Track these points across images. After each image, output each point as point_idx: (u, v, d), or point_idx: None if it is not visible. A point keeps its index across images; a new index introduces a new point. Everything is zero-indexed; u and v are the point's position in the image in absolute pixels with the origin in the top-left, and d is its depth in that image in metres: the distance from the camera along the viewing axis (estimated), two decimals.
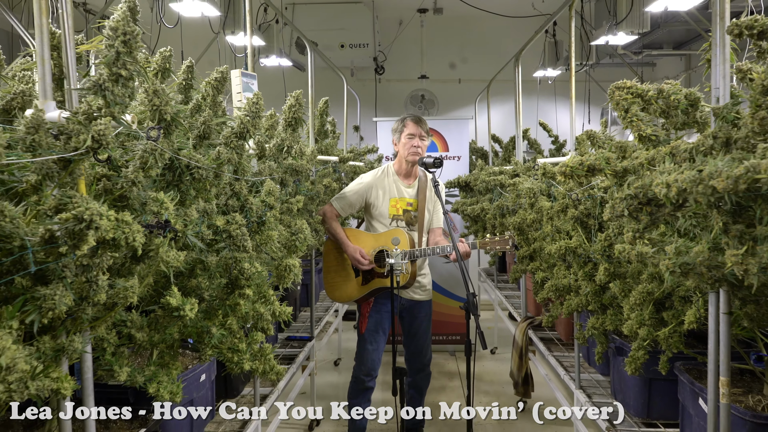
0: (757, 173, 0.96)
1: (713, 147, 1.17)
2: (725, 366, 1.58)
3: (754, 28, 1.08)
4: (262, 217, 1.72)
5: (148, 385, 1.44)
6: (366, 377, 3.44)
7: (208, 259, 1.46)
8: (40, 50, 1.15)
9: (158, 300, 1.38)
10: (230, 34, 4.61)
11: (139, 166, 1.23)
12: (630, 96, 1.38)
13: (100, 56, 1.88)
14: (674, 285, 1.81)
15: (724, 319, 1.56)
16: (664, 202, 1.10)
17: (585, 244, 2.10)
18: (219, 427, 2.56)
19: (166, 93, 1.30)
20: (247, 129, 1.43)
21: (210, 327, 1.46)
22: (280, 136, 1.98)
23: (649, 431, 2.47)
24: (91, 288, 1.13)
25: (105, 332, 1.35)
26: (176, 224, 1.30)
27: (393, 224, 3.38)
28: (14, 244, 1.02)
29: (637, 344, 1.91)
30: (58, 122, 1.09)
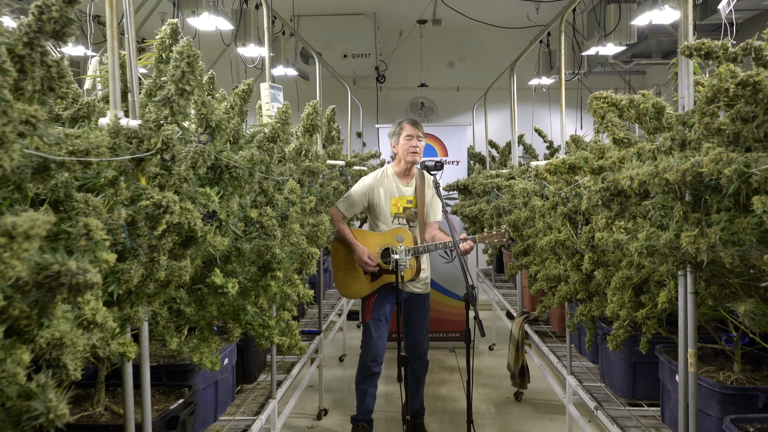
0: (700, 167, 1.19)
1: (671, 147, 1.41)
2: (692, 339, 1.81)
3: (701, 49, 1.32)
4: (286, 212, 1.96)
5: (192, 355, 1.67)
6: (372, 363, 3.68)
7: (243, 246, 1.69)
8: (112, 69, 1.39)
9: (203, 281, 1.61)
10: (241, 46, 4.86)
11: (190, 165, 1.47)
12: (606, 105, 1.62)
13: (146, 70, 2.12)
14: (650, 271, 2.05)
15: (691, 298, 1.79)
16: (630, 193, 1.33)
17: (572, 237, 2.34)
18: (239, 408, 2.79)
19: (212, 104, 1.54)
20: (277, 134, 1.67)
21: (245, 305, 1.69)
22: (299, 141, 2.22)
23: (634, 410, 2.70)
24: (153, 266, 1.36)
25: (158, 308, 1.58)
26: (221, 215, 1.54)
27: (395, 222, 3.63)
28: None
29: (617, 324, 2.14)
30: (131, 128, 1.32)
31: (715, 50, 1.31)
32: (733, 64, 1.28)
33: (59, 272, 0.75)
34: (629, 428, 2.52)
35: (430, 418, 4.19)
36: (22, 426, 0.76)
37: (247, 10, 4.72)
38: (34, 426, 0.77)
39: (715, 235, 1.29)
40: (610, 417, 2.62)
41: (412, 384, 3.85)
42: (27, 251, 0.63)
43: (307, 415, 4.38)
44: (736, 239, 1.28)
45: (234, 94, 2.09)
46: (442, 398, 4.68)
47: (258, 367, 3.20)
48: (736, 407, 2.01)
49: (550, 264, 2.65)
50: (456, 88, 8.09)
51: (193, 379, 2.30)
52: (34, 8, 0.88)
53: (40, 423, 0.77)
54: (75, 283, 0.76)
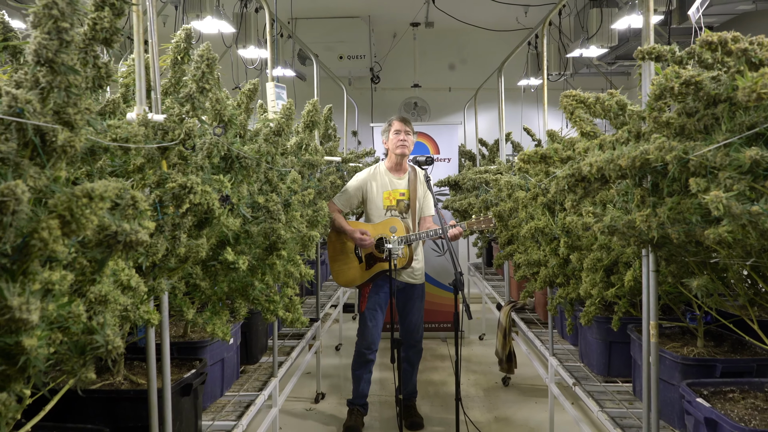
0: (647, 155, 1.40)
1: (628, 139, 1.61)
2: (654, 312, 2.01)
3: (652, 53, 1.52)
4: (288, 199, 2.15)
5: (206, 326, 1.86)
6: (367, 350, 3.88)
7: (251, 229, 1.88)
8: (138, 71, 1.59)
9: (216, 258, 1.81)
10: (241, 48, 5.05)
11: (206, 155, 1.66)
12: (574, 102, 1.82)
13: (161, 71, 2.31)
14: (619, 253, 2.26)
15: (652, 276, 1.99)
16: (590, 178, 1.54)
17: (551, 224, 2.54)
18: (243, 385, 2.98)
19: (225, 101, 1.73)
20: (282, 128, 1.86)
21: (253, 281, 1.88)
22: (300, 136, 2.42)
23: (609, 386, 2.90)
24: (175, 242, 1.56)
25: (177, 282, 1.77)
26: (233, 199, 1.73)
27: (388, 214, 3.83)
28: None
29: (589, 302, 2.35)
30: (157, 121, 1.52)
31: (664, 54, 1.52)
32: (678, 66, 1.49)
33: (116, 232, 0.94)
34: (604, 402, 2.72)
35: (422, 401, 4.39)
36: (86, 354, 0.95)
37: (247, 14, 4.91)
38: (95, 354, 0.96)
39: (664, 215, 1.50)
40: (587, 392, 2.82)
41: (406, 369, 4.05)
42: (101, 209, 0.82)
43: (305, 398, 4.58)
44: (681, 218, 1.49)
45: (241, 92, 2.29)
46: (433, 383, 4.89)
47: (260, 349, 3.40)
48: (696, 377, 2.21)
49: (531, 251, 2.86)
50: (448, 88, 8.30)
51: (203, 355, 2.50)
52: (89, 20, 1.08)
53: (100, 353, 0.96)
54: (129, 240, 0.95)
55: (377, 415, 4.28)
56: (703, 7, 2.57)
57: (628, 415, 2.58)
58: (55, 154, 0.85)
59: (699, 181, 1.29)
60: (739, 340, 2.50)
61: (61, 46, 0.83)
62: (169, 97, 1.82)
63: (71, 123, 0.87)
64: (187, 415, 2.17)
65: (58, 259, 0.84)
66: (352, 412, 4.04)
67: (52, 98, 0.86)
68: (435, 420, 4.17)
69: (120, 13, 1.05)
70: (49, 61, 0.83)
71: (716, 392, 1.98)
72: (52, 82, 0.85)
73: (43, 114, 0.84)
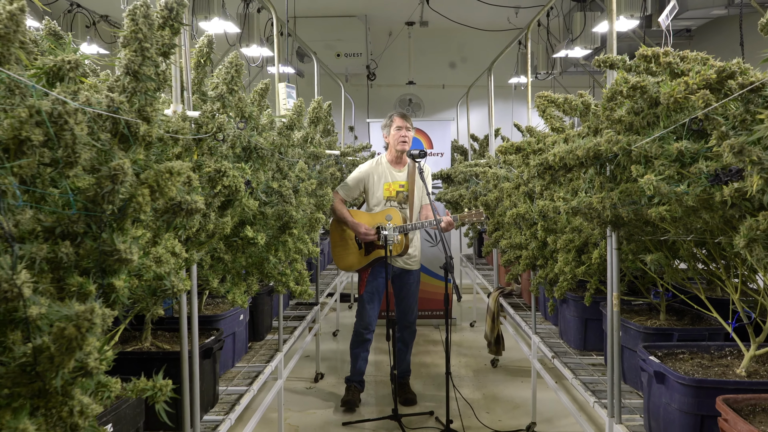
0: (599, 146, 1.69)
1: (588, 133, 1.91)
2: (616, 285, 2.31)
3: (607, 62, 1.82)
4: (297, 186, 2.45)
5: (227, 295, 2.15)
6: (365, 330, 4.18)
7: (266, 211, 2.17)
8: (175, 74, 1.87)
9: (237, 235, 2.10)
10: (244, 47, 5.32)
11: (230, 145, 1.95)
12: (546, 102, 2.12)
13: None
14: (588, 235, 2.56)
15: (615, 253, 2.29)
16: (555, 166, 1.83)
17: (530, 210, 2.84)
18: (251, 359, 3.28)
19: (245, 99, 2.02)
20: (294, 124, 2.15)
21: (269, 256, 2.17)
22: (306, 130, 2.71)
23: (585, 358, 3.21)
24: (206, 220, 1.85)
25: (204, 255, 2.06)
26: (253, 184, 2.02)
27: (387, 204, 4.13)
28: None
29: (563, 278, 2.65)
30: (193, 117, 1.80)
31: (617, 62, 1.81)
32: (627, 73, 1.78)
33: (181, 201, 1.23)
34: (579, 371, 3.02)
35: (415, 380, 4.70)
36: (157, 295, 1.24)
37: (250, 15, 5.18)
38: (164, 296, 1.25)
39: (616, 197, 1.80)
40: (564, 363, 3.13)
41: (401, 349, 4.35)
42: (178, 182, 1.11)
43: (306, 378, 4.88)
44: (630, 200, 1.78)
45: (254, 91, 2.57)
46: (426, 365, 5.20)
47: (265, 328, 3.69)
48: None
49: (514, 235, 3.16)
50: (442, 85, 8.59)
51: (218, 327, 2.79)
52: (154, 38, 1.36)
53: (168, 294, 1.25)
54: (189, 208, 1.24)
55: (373, 393, 4.58)
56: (672, 15, 2.86)
57: (599, 381, 2.88)
58: (137, 142, 1.14)
59: (638, 168, 1.59)
60: (697, 314, 2.81)
61: (143, 62, 1.12)
62: (194, 95, 2.11)
63: (149, 118, 1.16)
64: (207, 377, 2.46)
65: (142, 220, 1.13)
66: (349, 388, 4.34)
67: (136, 100, 1.14)
68: (427, 396, 4.47)
69: (177, 32, 1.34)
70: (135, 72, 1.12)
71: (669, 354, 2.28)
72: (136, 87, 1.13)
73: (130, 112, 1.12)
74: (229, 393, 2.80)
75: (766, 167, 1.08)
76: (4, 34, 0.89)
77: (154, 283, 1.26)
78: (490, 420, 4.06)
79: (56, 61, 1.11)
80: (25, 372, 0.82)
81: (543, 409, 4.13)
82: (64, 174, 1.02)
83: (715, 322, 2.62)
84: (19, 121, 0.91)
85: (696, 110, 1.34)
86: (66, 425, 0.91)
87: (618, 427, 2.32)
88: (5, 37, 0.90)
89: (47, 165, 1.01)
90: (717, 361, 2.22)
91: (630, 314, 2.93)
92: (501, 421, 4.06)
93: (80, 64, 1.14)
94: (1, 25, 0.89)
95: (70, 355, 0.79)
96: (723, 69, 1.33)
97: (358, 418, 4.08)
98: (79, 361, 0.83)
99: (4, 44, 0.90)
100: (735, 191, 1.32)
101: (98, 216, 1.01)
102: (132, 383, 1.23)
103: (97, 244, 1.00)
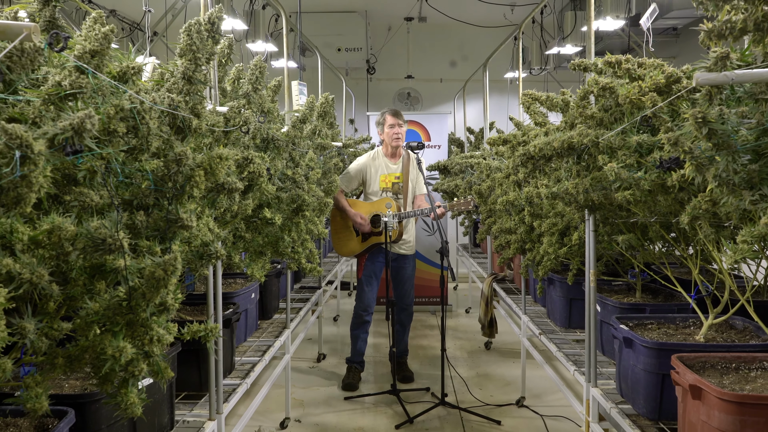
0: (572, 139, 1.97)
1: (565, 127, 2.18)
2: (593, 263, 2.58)
3: (581, 65, 2.09)
4: (307, 174, 2.72)
5: (247, 270, 2.43)
6: (364, 312, 4.47)
7: (282, 195, 2.44)
8: (211, 76, 2.14)
9: (257, 216, 2.37)
10: (250, 42, 5.58)
11: (251, 137, 2.22)
12: (530, 99, 2.39)
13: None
14: (569, 219, 2.84)
15: (592, 235, 2.57)
16: (535, 156, 2.11)
17: (519, 198, 3.11)
18: (261, 334, 3.56)
19: (264, 96, 2.29)
20: (306, 117, 2.41)
21: (283, 235, 2.44)
22: (314, 124, 2.97)
23: (569, 335, 3.49)
24: (231, 201, 2.11)
25: (227, 234, 2.33)
26: (272, 170, 2.29)
27: (383, 194, 4.41)
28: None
29: (546, 258, 2.93)
30: (222, 112, 2.07)
31: (589, 66, 2.08)
32: (598, 75, 2.05)
33: (224, 183, 1.51)
34: (563, 346, 3.31)
35: (412, 360, 4.99)
36: (203, 259, 1.51)
37: (256, 12, 5.44)
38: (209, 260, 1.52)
39: (588, 183, 2.08)
40: (549, 339, 3.41)
41: (398, 331, 4.63)
42: (225, 166, 1.38)
43: (308, 359, 5.17)
44: (600, 186, 2.06)
45: (267, 88, 2.83)
46: (423, 347, 5.49)
47: (273, 308, 3.97)
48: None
49: (504, 221, 3.44)
50: (439, 79, 8.85)
51: (234, 302, 3.07)
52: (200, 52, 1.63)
53: (212, 260, 1.52)
54: (230, 188, 1.52)
55: (372, 372, 4.87)
56: (652, 18, 3.12)
57: (581, 354, 3.16)
58: (190, 133, 1.41)
59: (604, 158, 1.86)
60: (670, 292, 3.09)
61: (196, 68, 1.38)
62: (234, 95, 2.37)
63: (199, 114, 1.42)
64: (226, 346, 2.74)
65: (195, 196, 1.40)
66: (350, 369, 4.62)
67: (189, 99, 1.41)
68: (424, 375, 4.76)
69: (217, 42, 1.60)
70: (189, 77, 1.38)
71: (638, 324, 2.56)
72: (190, 89, 1.40)
73: (185, 109, 1.39)
74: (242, 363, 3.07)
75: (696, 156, 1.35)
76: (99, 50, 1.16)
77: (201, 248, 1.53)
78: (483, 395, 4.35)
79: (122, 67, 1.38)
80: (121, 306, 1.10)
81: (532, 385, 4.42)
82: (137, 158, 1.29)
83: (684, 299, 2.90)
84: (107, 116, 1.18)
85: (647, 109, 1.62)
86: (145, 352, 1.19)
87: (594, 390, 2.61)
88: (100, 52, 1.16)
89: (124, 151, 1.28)
90: (681, 330, 2.51)
91: (610, 293, 3.20)
92: (493, 396, 4.35)
93: (141, 69, 1.40)
94: (97, 42, 1.16)
95: (158, 291, 1.06)
96: (671, 74, 1.61)
97: (359, 393, 4.37)
98: (162, 298, 1.10)
99: (99, 57, 1.17)
100: (680, 177, 1.60)
101: (164, 191, 1.29)
102: (187, 326, 1.50)
103: (164, 214, 1.27)
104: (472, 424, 3.86)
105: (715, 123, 1.20)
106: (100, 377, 1.11)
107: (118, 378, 1.12)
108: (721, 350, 2.12)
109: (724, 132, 1.20)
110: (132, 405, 1.11)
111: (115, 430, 1.71)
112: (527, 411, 4.09)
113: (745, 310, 2.18)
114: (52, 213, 1.08)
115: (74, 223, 1.07)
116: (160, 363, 1.20)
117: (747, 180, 1.23)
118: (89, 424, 1.64)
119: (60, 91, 1.12)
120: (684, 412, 1.87)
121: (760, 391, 1.78)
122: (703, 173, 1.35)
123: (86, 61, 1.13)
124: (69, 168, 1.15)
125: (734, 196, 1.26)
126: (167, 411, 2.11)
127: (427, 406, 4.01)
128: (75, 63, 1.10)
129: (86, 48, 1.14)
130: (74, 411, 1.50)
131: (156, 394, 1.89)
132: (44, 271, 0.98)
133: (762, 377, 1.91)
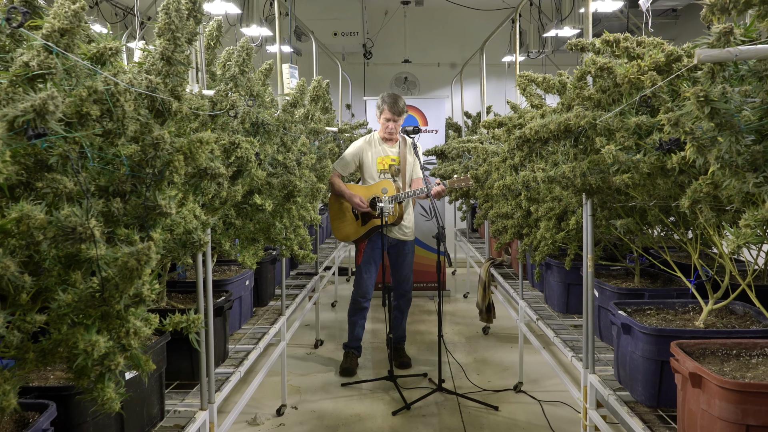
0: (569, 121, 1.91)
1: (562, 109, 2.13)
2: (591, 248, 2.54)
3: (578, 45, 2.03)
4: (299, 159, 2.66)
5: (238, 257, 2.38)
6: (362, 299, 4.43)
7: (272, 181, 2.39)
8: (195, 59, 2.07)
9: (247, 203, 2.31)
10: (244, 27, 5.49)
11: (240, 121, 2.16)
12: (526, 81, 2.33)
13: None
14: (567, 203, 2.78)
15: (589, 219, 2.52)
16: (531, 139, 2.05)
17: (516, 182, 3.06)
18: (256, 321, 3.52)
19: (253, 79, 2.22)
20: (297, 101, 2.35)
21: (275, 222, 2.39)
22: (307, 108, 2.91)
23: (566, 320, 3.46)
24: (220, 187, 2.06)
25: (217, 220, 2.28)
26: (261, 156, 2.24)
27: (381, 177, 4.36)
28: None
29: (543, 243, 2.88)
30: (209, 95, 2.01)
31: (587, 46, 2.02)
32: (596, 55, 1.99)
33: (206, 168, 1.45)
34: (560, 331, 3.27)
35: (410, 346, 4.96)
36: (186, 246, 1.46)
37: None
38: (192, 249, 1.47)
39: (585, 166, 2.02)
40: (547, 324, 3.38)
41: (396, 316, 4.60)
42: (206, 150, 1.32)
43: (306, 345, 5.14)
44: (598, 169, 2.01)
45: (258, 71, 2.77)
46: (420, 333, 5.46)
47: (268, 295, 3.93)
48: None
49: (501, 205, 3.38)
50: (437, 64, 8.75)
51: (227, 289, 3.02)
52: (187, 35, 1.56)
53: (195, 248, 1.47)
54: (214, 173, 1.46)
55: (370, 358, 4.84)
56: (650, 1, 3.06)
57: (578, 340, 3.13)
58: (170, 116, 1.35)
59: (601, 140, 1.81)
60: (669, 277, 3.05)
61: (175, 49, 1.32)
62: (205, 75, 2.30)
63: (179, 97, 1.37)
64: (218, 333, 2.69)
65: (175, 182, 1.35)
66: (347, 354, 4.59)
67: (169, 81, 1.35)
68: (421, 361, 4.73)
69: (199, 22, 1.54)
70: (168, 58, 1.33)
71: (637, 310, 2.51)
72: (169, 71, 1.34)
73: (165, 91, 1.34)
74: (237, 351, 3.03)
75: (697, 136, 1.30)
76: (69, 28, 1.10)
77: (184, 236, 1.48)
78: (480, 381, 4.32)
79: (99, 48, 1.32)
80: (94, 297, 1.05)
81: (530, 370, 4.39)
82: (113, 143, 1.23)
83: (683, 284, 2.86)
84: (80, 99, 1.12)
85: (647, 89, 1.56)
86: (122, 345, 1.14)
87: (591, 376, 2.57)
88: (70, 31, 1.10)
89: (99, 135, 1.22)
90: (680, 315, 2.46)
91: (608, 278, 3.16)
92: (490, 381, 4.33)
93: (119, 50, 1.34)
94: (67, 20, 1.10)
95: (131, 282, 1.02)
96: (671, 53, 1.55)
97: (356, 379, 4.34)
98: (136, 289, 1.05)
99: (69, 36, 1.11)
100: (681, 159, 1.54)
101: (142, 177, 1.23)
102: (169, 318, 1.45)
103: (141, 200, 1.22)
104: (469, 409, 3.84)
105: (718, 102, 1.15)
106: (75, 372, 1.06)
107: (95, 372, 1.07)
108: (722, 336, 2.07)
109: (727, 111, 1.15)
110: (109, 400, 1.07)
111: (101, 422, 1.67)
112: (525, 396, 4.06)
113: (746, 295, 2.13)
114: (21, 201, 1.02)
115: (45, 211, 1.02)
116: (140, 356, 1.16)
117: (750, 162, 1.17)
118: (74, 417, 1.60)
119: (28, 72, 1.06)
120: (684, 400, 1.83)
121: (762, 379, 1.74)
122: (704, 155, 1.30)
123: (55, 41, 1.08)
124: (41, 153, 1.10)
125: (737, 178, 1.21)
126: (157, 402, 2.07)
127: (425, 392, 3.99)
128: (42, 42, 1.04)
129: (55, 26, 1.08)
130: (57, 404, 1.46)
131: (142, 386, 1.85)
132: (10, 261, 0.93)
133: (763, 364, 1.87)
